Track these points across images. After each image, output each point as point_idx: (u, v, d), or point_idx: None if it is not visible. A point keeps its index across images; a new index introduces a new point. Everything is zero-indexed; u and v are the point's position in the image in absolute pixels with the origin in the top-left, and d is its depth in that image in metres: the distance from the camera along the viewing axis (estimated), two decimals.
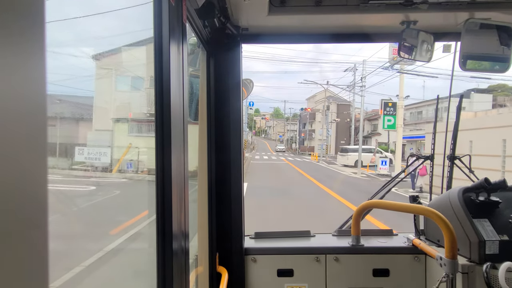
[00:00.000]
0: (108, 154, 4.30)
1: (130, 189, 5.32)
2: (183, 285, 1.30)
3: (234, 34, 2.14)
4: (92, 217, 4.08)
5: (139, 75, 4.62)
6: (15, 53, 0.41)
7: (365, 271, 2.32)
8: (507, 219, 2.02)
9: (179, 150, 1.24)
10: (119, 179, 5.12)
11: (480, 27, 1.94)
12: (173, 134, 1.17)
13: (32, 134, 0.44)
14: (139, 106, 5.15)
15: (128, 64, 4.51)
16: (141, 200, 4.42)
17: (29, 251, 0.43)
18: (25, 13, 0.42)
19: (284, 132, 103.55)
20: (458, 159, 2.58)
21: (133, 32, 3.63)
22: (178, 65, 1.25)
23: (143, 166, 5.15)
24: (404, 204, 2.10)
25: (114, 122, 4.89)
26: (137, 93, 4.73)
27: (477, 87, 45.19)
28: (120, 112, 5.02)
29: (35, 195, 0.44)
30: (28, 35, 0.43)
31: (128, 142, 5.02)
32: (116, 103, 4.70)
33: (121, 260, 3.97)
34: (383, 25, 2.15)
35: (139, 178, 5.34)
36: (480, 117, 22.88)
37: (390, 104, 26.77)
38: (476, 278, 1.90)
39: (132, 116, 5.10)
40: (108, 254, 3.82)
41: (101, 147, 4.21)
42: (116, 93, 4.53)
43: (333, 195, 15.98)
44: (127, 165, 5.05)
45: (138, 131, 5.08)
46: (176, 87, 1.22)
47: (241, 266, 2.31)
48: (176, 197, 1.21)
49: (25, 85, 0.43)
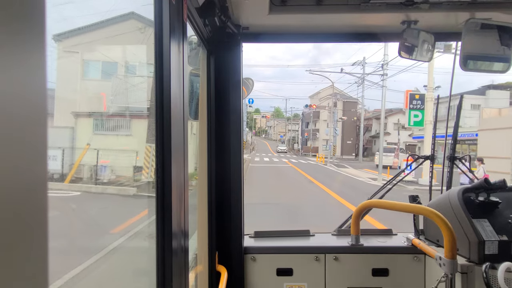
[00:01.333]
0: (58, 158, 3.36)
1: (83, 205, 3.80)
2: (183, 284, 1.31)
3: (234, 33, 2.16)
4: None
5: (115, 59, 3.90)
6: (15, 53, 0.41)
7: (364, 270, 2.34)
8: (507, 220, 2.03)
9: (179, 149, 1.26)
10: (68, 193, 3.59)
11: (481, 27, 1.96)
12: (173, 133, 1.18)
13: (32, 133, 0.44)
14: (115, 97, 4.11)
15: (100, 48, 3.80)
16: (88, 230, 3.47)
17: (29, 251, 0.43)
18: (25, 13, 0.42)
19: (285, 132, 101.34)
20: (458, 159, 2.59)
21: (107, 9, 2.98)
22: (178, 64, 1.26)
23: (108, 173, 4.09)
24: (404, 204, 2.12)
25: (76, 117, 3.83)
26: (111, 82, 3.88)
27: (492, 83, 43.40)
28: (87, 105, 4.03)
29: (35, 195, 0.44)
30: (28, 34, 0.43)
31: (92, 141, 3.94)
32: (83, 94, 3.84)
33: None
34: (384, 24, 2.17)
35: (97, 191, 4.01)
36: (508, 115, 20.99)
37: (417, 97, 22.59)
38: (475, 278, 1.92)
39: (104, 110, 4.17)
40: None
41: (53, 149, 3.18)
42: (84, 82, 3.73)
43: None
44: (101, 170, 3.95)
45: (111, 128, 4.17)
46: (176, 85, 1.23)
47: (240, 265, 2.33)
48: (176, 196, 1.22)
49: (24, 84, 0.43)
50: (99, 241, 3.62)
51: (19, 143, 0.42)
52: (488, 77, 52.44)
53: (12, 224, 0.41)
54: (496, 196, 2.11)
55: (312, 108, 58.25)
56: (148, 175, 4.42)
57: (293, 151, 74.63)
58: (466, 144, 36.07)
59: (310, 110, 62.81)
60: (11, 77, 0.41)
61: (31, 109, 0.44)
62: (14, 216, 0.41)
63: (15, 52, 0.41)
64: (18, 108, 0.42)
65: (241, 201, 2.31)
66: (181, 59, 1.31)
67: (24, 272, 0.43)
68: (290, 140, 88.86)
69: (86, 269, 3.22)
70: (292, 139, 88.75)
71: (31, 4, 0.44)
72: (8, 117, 0.40)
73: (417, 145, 42.71)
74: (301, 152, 66.60)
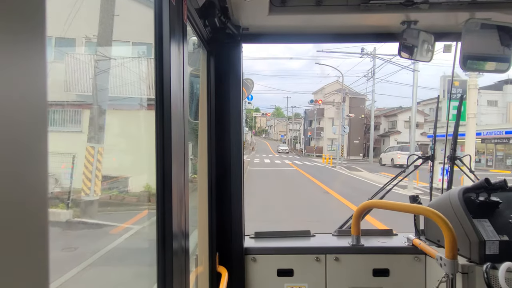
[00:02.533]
0: None
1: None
2: (183, 285, 1.32)
3: (234, 33, 2.19)
4: None
5: (68, 35, 3.39)
6: (14, 53, 0.42)
7: (365, 271, 2.36)
8: (507, 220, 2.04)
9: (179, 150, 1.28)
10: None
11: (481, 27, 1.97)
12: (173, 134, 1.20)
13: (32, 134, 0.44)
14: (63, 82, 3.44)
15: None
16: None
17: (28, 251, 0.43)
18: (24, 12, 0.43)
19: (286, 131, 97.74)
20: (459, 159, 2.59)
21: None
22: (178, 64, 1.28)
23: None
24: (404, 204, 2.14)
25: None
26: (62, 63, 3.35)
27: (510, 78, 41.26)
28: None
29: (35, 196, 0.45)
30: (28, 34, 0.44)
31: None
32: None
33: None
34: (384, 25, 2.19)
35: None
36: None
37: (457, 84, 16.87)
38: (476, 278, 1.93)
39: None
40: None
41: None
42: None
43: None
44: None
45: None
46: (177, 86, 1.25)
47: (241, 266, 2.35)
48: (176, 197, 1.24)
49: (24, 84, 0.43)
50: None
51: (18, 143, 0.42)
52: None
53: (12, 225, 0.41)
54: (497, 196, 2.13)
55: (318, 103, 52.13)
56: (91, 190, 3.49)
57: (295, 152, 70.84)
58: (493, 143, 33.50)
59: (314, 107, 58.94)
60: (11, 77, 0.41)
61: (31, 109, 0.44)
62: (14, 217, 0.41)
63: (14, 52, 0.42)
64: (18, 108, 0.42)
65: (241, 202, 2.33)
66: (181, 60, 1.32)
67: (24, 272, 0.43)
68: (292, 140, 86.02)
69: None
70: (294, 139, 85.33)
71: (31, 3, 0.44)
72: (8, 117, 0.40)
73: (429, 144, 41.34)
74: (304, 153, 62.19)
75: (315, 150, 57.32)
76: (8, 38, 0.40)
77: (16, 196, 0.41)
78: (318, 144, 59.39)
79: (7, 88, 0.40)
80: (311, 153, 58.30)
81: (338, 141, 40.42)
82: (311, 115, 64.48)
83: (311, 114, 65.03)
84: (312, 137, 63.76)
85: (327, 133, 55.84)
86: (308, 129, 67.16)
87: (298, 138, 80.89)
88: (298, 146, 72.46)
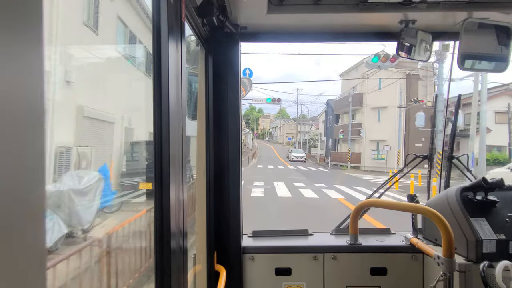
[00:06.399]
0: None
1: None
2: (181, 283, 1.34)
3: (232, 32, 2.22)
4: None
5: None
6: (12, 52, 0.42)
7: (362, 269, 2.40)
8: (504, 218, 2.10)
9: (177, 149, 1.30)
10: None
11: (479, 26, 2.02)
12: (171, 132, 1.23)
13: (30, 133, 0.45)
14: None
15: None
16: None
17: (27, 251, 0.44)
18: (22, 12, 0.43)
19: (295, 133, 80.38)
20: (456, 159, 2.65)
21: None
22: (176, 63, 1.31)
23: None
24: (402, 203, 2.19)
25: None
26: None
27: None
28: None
29: (32, 195, 0.45)
30: (26, 34, 0.44)
31: None
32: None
33: None
34: (382, 24, 2.24)
35: None
36: None
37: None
38: (473, 277, 1.97)
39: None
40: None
41: None
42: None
43: None
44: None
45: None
46: (175, 85, 1.28)
47: (239, 264, 2.39)
48: (174, 196, 1.26)
49: (22, 84, 0.44)
50: None
51: (17, 143, 0.42)
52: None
53: (10, 224, 0.41)
54: (494, 195, 2.18)
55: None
56: None
57: (313, 159, 52.58)
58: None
59: (351, 92, 39.78)
60: (9, 76, 0.41)
61: (29, 108, 0.44)
62: (12, 216, 0.41)
63: (12, 52, 0.42)
64: (16, 107, 0.42)
65: (239, 201, 2.36)
66: (179, 58, 1.35)
67: (22, 272, 0.43)
68: (305, 143, 68.19)
69: None
70: (308, 141, 67.32)
71: (29, 3, 0.44)
72: (6, 116, 0.41)
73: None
74: (330, 163, 42.44)
75: (350, 159, 38.16)
76: (5, 37, 0.41)
77: (13, 194, 0.42)
78: (354, 149, 39.67)
79: (5, 87, 0.41)
80: (341, 163, 40.54)
81: (389, 144, 28.92)
82: (340, 106, 44.14)
83: (338, 105, 45.34)
84: (342, 139, 42.98)
85: (370, 132, 37.62)
86: (333, 127, 46.60)
87: (316, 140, 61.99)
88: (317, 152, 54.16)
